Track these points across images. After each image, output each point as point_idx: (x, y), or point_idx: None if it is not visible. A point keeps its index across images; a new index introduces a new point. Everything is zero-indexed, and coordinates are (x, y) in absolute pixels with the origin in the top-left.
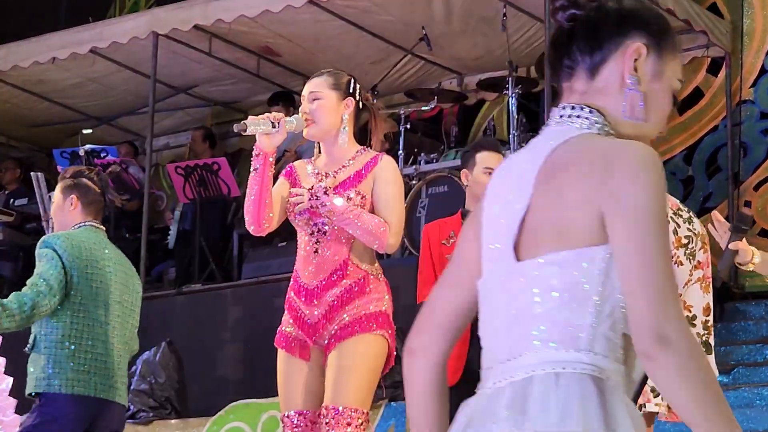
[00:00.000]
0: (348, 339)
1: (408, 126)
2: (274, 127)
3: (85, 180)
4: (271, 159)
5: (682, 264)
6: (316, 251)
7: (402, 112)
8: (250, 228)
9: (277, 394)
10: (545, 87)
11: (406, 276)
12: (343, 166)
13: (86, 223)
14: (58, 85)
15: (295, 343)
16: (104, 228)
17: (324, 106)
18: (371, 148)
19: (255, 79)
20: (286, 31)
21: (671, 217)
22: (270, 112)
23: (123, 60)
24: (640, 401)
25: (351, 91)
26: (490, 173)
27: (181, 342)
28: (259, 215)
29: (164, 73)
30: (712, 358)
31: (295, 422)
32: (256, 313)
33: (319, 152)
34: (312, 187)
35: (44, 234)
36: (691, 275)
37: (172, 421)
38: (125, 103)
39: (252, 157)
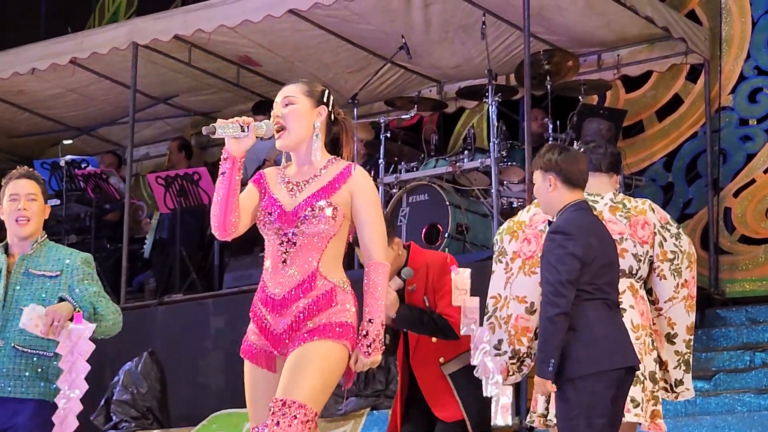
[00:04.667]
0: (309, 342)
1: (388, 134)
2: (243, 131)
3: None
4: (239, 163)
5: (665, 278)
6: (284, 261)
7: (382, 120)
8: (216, 232)
9: None
10: (525, 95)
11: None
12: (314, 176)
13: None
14: (38, 95)
15: (261, 354)
16: None
17: (296, 111)
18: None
19: (235, 89)
20: (265, 40)
21: (658, 230)
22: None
23: (103, 70)
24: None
25: (325, 100)
26: None
27: (163, 352)
28: (225, 219)
29: (144, 83)
30: (689, 377)
31: None
32: (237, 322)
33: (289, 160)
34: (371, 344)
35: None
36: (677, 293)
37: (155, 431)
38: (105, 114)
39: (220, 160)
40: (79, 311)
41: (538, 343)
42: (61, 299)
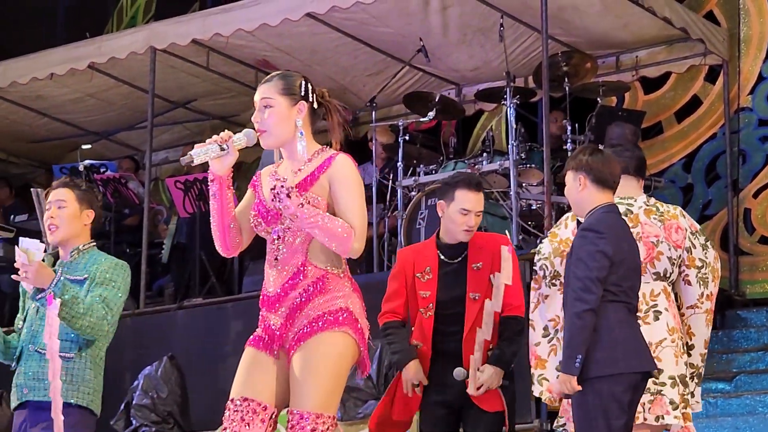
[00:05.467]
0: (309, 339)
1: (407, 137)
2: (223, 149)
3: (96, 196)
4: (228, 180)
5: (691, 284)
6: (276, 258)
7: (400, 123)
8: (220, 251)
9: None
10: (543, 97)
11: None
12: (299, 170)
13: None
14: (56, 100)
15: (263, 343)
16: None
17: (275, 113)
18: (331, 147)
19: (253, 93)
20: (283, 44)
21: (689, 236)
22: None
23: (121, 75)
24: (658, 412)
25: (303, 93)
26: (466, 214)
27: (183, 356)
28: (225, 240)
29: (162, 88)
30: (699, 390)
31: (238, 406)
32: (257, 326)
33: (281, 157)
34: (274, 187)
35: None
36: (701, 303)
37: None
38: (124, 118)
39: (208, 180)
40: (51, 293)
41: (564, 339)
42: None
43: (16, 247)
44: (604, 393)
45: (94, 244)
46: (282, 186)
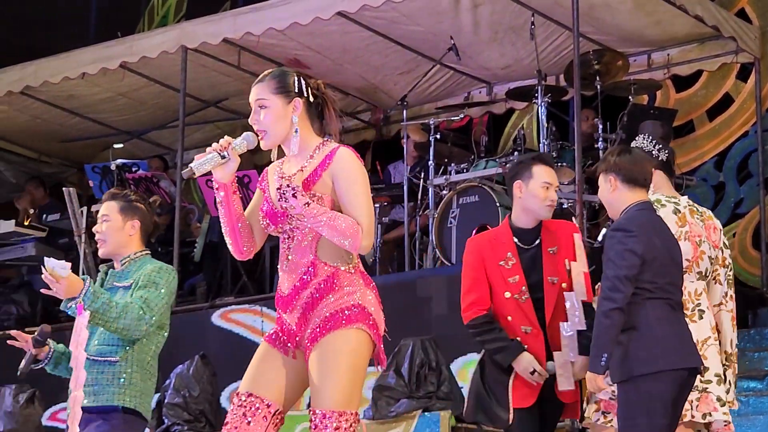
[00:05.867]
0: (322, 339)
1: (438, 136)
2: (223, 157)
3: (143, 205)
4: (233, 186)
5: (720, 283)
6: (288, 258)
7: (432, 122)
8: (235, 255)
9: (307, 408)
10: (574, 95)
11: (438, 286)
12: (303, 167)
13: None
14: (88, 100)
15: (279, 341)
16: None
17: (271, 113)
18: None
19: None
20: (314, 43)
21: (722, 237)
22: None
23: (152, 74)
24: (705, 410)
25: (297, 90)
26: (548, 188)
27: (215, 355)
28: (236, 244)
29: (194, 87)
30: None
31: (243, 401)
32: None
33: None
34: (280, 186)
35: (76, 249)
36: (725, 302)
37: None
38: (155, 118)
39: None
40: (80, 302)
41: (592, 337)
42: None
43: (42, 266)
44: (647, 391)
45: (147, 252)
46: (288, 185)
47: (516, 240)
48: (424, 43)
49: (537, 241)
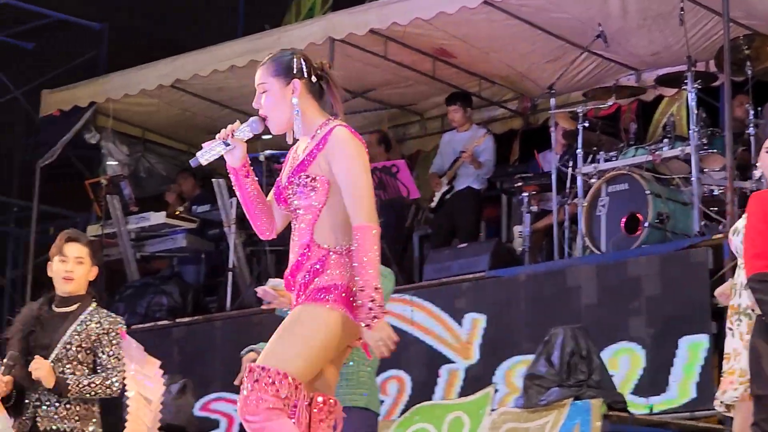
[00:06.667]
0: (295, 308)
1: (586, 124)
2: (227, 145)
3: None
4: (244, 170)
5: None
6: (293, 239)
7: (580, 110)
8: (259, 236)
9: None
10: (725, 81)
11: (588, 274)
12: (306, 148)
13: None
14: (237, 92)
15: None
16: None
17: (270, 97)
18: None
19: (430, 81)
20: (460, 32)
21: None
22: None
23: None
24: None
25: (296, 71)
26: None
27: None
28: (256, 225)
29: (340, 77)
30: None
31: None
32: (444, 310)
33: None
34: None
35: (226, 240)
36: None
37: None
38: None
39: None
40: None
41: None
42: None
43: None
44: None
45: None
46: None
47: None
48: (572, 30)
49: None
